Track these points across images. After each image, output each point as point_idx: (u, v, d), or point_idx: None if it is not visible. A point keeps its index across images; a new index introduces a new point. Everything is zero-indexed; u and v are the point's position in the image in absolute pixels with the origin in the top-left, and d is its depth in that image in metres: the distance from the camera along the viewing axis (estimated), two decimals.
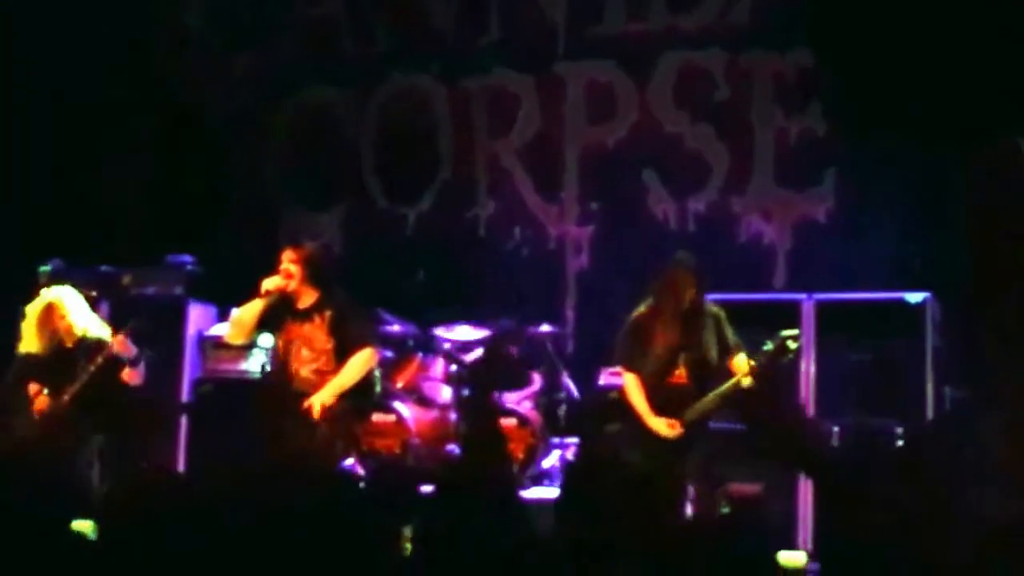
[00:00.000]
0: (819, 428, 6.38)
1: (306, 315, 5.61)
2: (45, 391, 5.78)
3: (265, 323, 5.69)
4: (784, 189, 7.82)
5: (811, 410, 6.53)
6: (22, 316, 6.43)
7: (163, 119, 8.71)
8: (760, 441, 6.09)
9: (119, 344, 5.71)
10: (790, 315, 6.52)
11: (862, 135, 7.23)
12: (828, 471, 5.94)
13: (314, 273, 5.60)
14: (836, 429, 6.32)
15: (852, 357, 6.50)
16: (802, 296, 6.71)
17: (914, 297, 6.43)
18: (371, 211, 8.67)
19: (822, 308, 6.62)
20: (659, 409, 5.33)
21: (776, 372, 5.44)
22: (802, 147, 7.75)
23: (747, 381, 5.27)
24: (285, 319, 5.64)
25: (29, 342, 5.87)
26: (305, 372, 5.57)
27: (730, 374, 5.38)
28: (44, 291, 6.05)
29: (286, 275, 5.58)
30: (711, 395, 5.33)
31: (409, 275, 7.89)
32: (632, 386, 5.39)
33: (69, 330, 5.81)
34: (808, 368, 6.53)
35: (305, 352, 5.58)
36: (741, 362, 5.36)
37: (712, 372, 5.38)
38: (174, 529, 2.78)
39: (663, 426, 5.29)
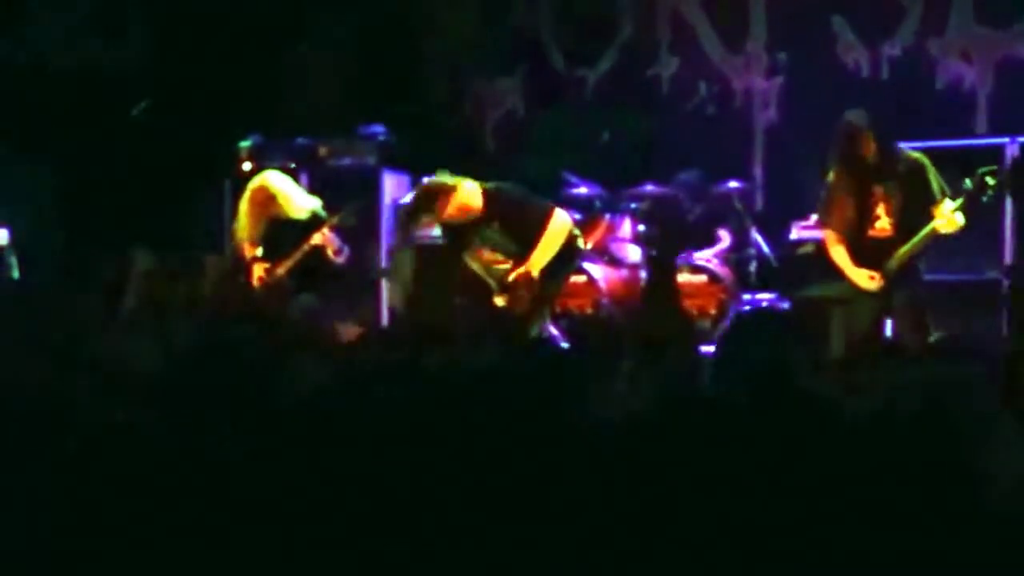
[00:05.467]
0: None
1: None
2: (263, 264, 6.16)
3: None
4: (985, 27, 7.44)
5: (1016, 258, 6.31)
6: (231, 191, 6.76)
7: None
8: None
9: (325, 239, 6.00)
10: (992, 161, 6.25)
11: None
12: None
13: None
14: None
15: None
16: (1005, 140, 6.43)
17: None
18: (551, 74, 8.65)
19: None
20: (861, 262, 5.27)
21: (977, 211, 5.25)
22: None
23: (944, 226, 5.12)
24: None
25: (244, 223, 6.21)
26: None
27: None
28: (254, 176, 6.35)
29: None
30: (909, 243, 5.22)
31: (594, 137, 7.89)
32: (833, 243, 5.36)
33: (282, 208, 6.13)
34: (1013, 214, 6.28)
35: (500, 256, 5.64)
36: (943, 207, 5.20)
37: (915, 221, 5.23)
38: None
39: (864, 278, 5.23)
